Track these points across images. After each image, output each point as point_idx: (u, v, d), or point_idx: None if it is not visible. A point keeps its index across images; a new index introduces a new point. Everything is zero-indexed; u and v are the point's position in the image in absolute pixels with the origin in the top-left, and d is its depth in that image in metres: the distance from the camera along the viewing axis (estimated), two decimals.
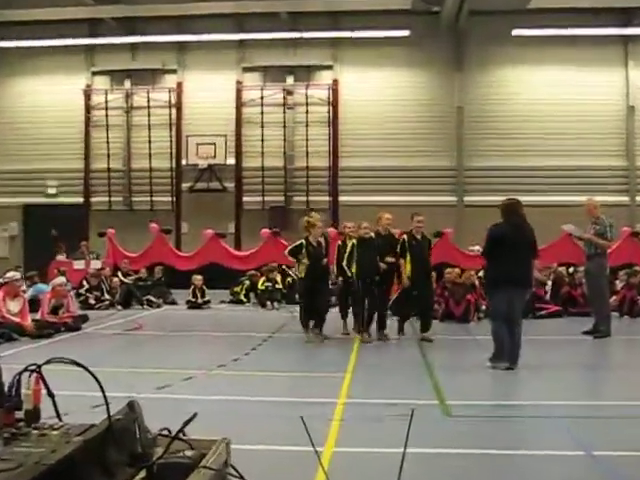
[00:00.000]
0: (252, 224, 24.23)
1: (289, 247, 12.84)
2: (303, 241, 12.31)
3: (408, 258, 12.31)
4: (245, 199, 25.81)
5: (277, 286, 18.63)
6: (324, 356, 11.07)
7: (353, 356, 10.66)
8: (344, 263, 12.39)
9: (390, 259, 12.24)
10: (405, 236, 12.48)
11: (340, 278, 12.72)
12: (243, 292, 19.06)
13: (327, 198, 25.29)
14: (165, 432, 2.57)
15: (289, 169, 25.66)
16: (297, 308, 13.20)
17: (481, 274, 14.68)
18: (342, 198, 25.19)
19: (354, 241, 12.42)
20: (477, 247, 17.80)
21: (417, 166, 24.80)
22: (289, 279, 19.09)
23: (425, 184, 24.66)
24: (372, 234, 12.33)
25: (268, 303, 18.07)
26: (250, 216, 25.25)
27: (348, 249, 12.42)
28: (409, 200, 22.45)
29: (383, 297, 12.44)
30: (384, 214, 12.75)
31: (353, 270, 12.27)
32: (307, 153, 25.32)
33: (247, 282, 19.18)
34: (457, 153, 25.15)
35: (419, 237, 12.47)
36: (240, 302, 18.91)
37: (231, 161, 25.65)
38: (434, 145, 25.05)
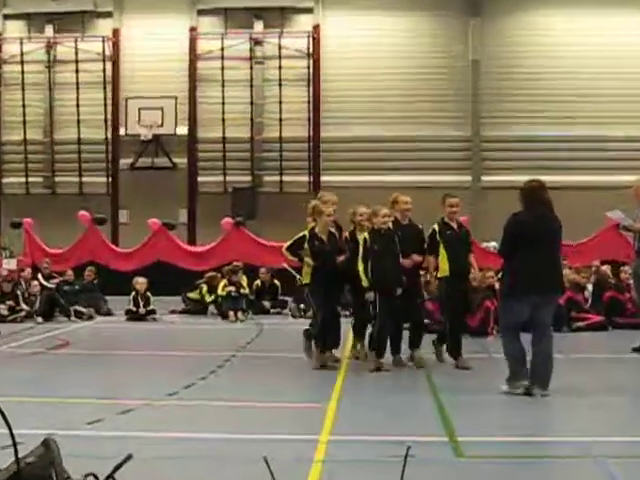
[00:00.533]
0: (210, 211, 24.22)
1: (288, 242, 12.17)
2: (306, 233, 11.80)
3: (444, 255, 11.71)
4: (201, 179, 25.78)
5: (242, 291, 18.60)
6: (303, 382, 11.07)
7: (339, 381, 10.67)
8: (360, 267, 11.47)
9: (417, 257, 11.73)
10: (436, 225, 11.86)
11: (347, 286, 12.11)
12: (207, 297, 19.03)
13: (306, 178, 25.31)
14: (91, 478, 2.57)
15: (257, 141, 25.64)
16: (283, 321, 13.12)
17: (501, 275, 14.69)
18: (325, 178, 25.21)
19: (366, 235, 11.58)
20: (493, 243, 17.85)
21: (421, 136, 24.87)
22: (257, 282, 19.09)
23: (431, 159, 24.74)
24: (390, 224, 11.58)
25: (231, 313, 18.05)
26: (207, 201, 25.23)
27: (361, 246, 11.56)
28: (411, 181, 22.52)
29: (413, 306, 11.98)
30: (400, 196, 12.09)
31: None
32: (280, 120, 25.32)
33: (204, 286, 19.16)
34: (472, 120, 25.23)
35: (454, 225, 11.90)
36: (201, 311, 18.90)
37: (183, 130, 25.61)
38: (443, 110, 25.12)
